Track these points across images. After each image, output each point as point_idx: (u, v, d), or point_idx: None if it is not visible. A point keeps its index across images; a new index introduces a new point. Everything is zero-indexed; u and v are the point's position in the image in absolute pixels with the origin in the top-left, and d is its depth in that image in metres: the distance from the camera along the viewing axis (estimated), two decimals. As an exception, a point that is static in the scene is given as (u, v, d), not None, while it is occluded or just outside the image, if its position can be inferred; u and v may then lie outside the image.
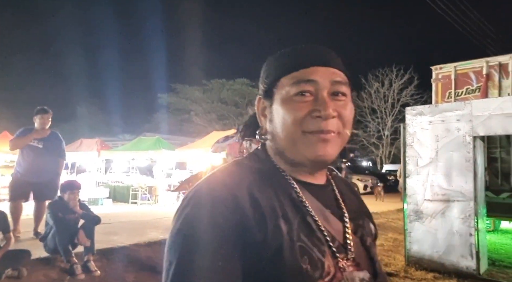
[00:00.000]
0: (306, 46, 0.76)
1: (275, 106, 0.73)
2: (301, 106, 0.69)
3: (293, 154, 0.71)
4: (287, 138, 0.70)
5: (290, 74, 0.72)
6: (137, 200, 12.25)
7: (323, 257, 0.65)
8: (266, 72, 0.77)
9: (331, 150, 0.70)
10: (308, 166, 0.73)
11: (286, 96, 0.71)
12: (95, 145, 13.83)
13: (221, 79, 31.28)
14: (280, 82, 0.72)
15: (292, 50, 0.76)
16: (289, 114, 0.69)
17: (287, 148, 0.71)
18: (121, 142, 22.12)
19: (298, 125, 0.69)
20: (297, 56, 0.74)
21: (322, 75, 0.71)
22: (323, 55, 0.74)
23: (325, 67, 0.72)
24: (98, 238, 5.02)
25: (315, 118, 0.68)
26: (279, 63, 0.75)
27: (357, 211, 0.82)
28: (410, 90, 24.87)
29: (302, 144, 0.69)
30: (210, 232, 0.61)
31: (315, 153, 0.69)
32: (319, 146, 0.69)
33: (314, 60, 0.72)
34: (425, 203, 5.02)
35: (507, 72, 6.48)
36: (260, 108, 0.78)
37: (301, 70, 0.71)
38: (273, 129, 0.73)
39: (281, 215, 0.65)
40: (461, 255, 4.64)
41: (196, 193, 0.67)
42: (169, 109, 32.34)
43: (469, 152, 4.71)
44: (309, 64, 0.71)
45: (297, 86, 0.70)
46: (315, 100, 0.69)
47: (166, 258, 0.64)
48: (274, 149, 0.75)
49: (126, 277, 4.35)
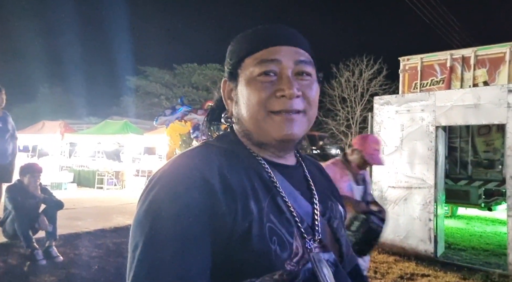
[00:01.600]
0: (269, 26, 0.75)
1: (240, 88, 0.71)
2: (265, 86, 0.68)
3: (259, 135, 0.70)
4: (253, 119, 0.69)
5: (253, 54, 0.70)
6: (103, 185, 11.95)
7: (292, 238, 0.65)
8: (230, 54, 0.76)
9: (297, 129, 0.69)
10: (275, 146, 0.72)
11: (250, 77, 0.69)
12: (58, 128, 13.27)
13: (192, 64, 30.73)
14: (244, 63, 0.71)
15: (255, 30, 0.75)
16: (254, 95, 0.68)
17: (253, 129, 0.71)
18: (86, 125, 21.34)
19: (262, 105, 0.68)
20: (260, 36, 0.73)
21: (285, 54, 0.70)
22: (287, 34, 0.73)
23: (289, 46, 0.71)
24: (61, 223, 4.88)
25: (280, 98, 0.68)
26: (242, 43, 0.74)
27: (326, 193, 0.82)
28: (379, 80, 25.45)
29: (268, 125, 0.69)
30: (178, 213, 0.59)
31: (281, 132, 0.68)
32: (285, 126, 0.68)
33: (277, 40, 0.71)
34: (389, 189, 5.21)
35: (469, 65, 6.76)
36: (226, 91, 0.76)
37: (264, 50, 0.70)
38: (238, 111, 0.72)
39: (251, 195, 0.65)
40: (421, 239, 4.88)
41: (163, 173, 0.65)
42: (138, 92, 31.45)
43: (432, 141, 4.91)
44: (272, 43, 0.70)
45: (261, 66, 0.69)
46: (279, 80, 0.69)
47: (132, 241, 0.61)
48: (241, 131, 0.74)
49: (90, 263, 4.25)
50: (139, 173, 13.11)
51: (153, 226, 0.59)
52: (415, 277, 4.18)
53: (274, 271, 0.61)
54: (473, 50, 6.79)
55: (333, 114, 27.14)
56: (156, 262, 0.57)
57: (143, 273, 0.57)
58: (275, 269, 0.61)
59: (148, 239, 0.58)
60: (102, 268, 4.12)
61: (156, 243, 0.58)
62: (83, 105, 31.77)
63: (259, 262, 0.61)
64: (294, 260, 0.64)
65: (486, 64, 6.66)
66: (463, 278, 4.17)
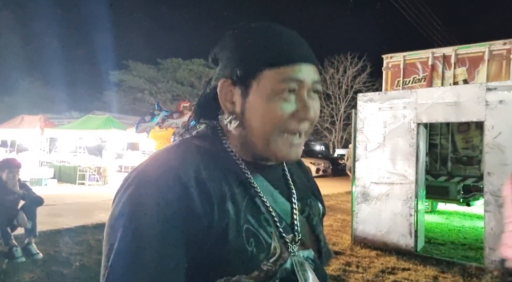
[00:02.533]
0: (289, 36, 0.69)
1: (253, 98, 0.67)
2: (285, 107, 0.66)
3: (262, 150, 0.70)
4: (264, 137, 0.68)
5: (276, 68, 0.66)
6: (85, 181, 11.76)
7: (270, 238, 0.66)
8: (240, 55, 0.68)
9: (300, 151, 0.71)
10: (272, 161, 0.73)
11: (269, 93, 0.66)
12: (38, 122, 12.94)
13: (177, 58, 30.41)
14: (262, 74, 0.66)
15: (277, 38, 0.68)
16: (274, 114, 0.66)
17: (259, 144, 0.69)
18: (67, 119, 20.89)
19: (278, 124, 0.67)
20: (284, 48, 0.67)
21: (307, 73, 0.67)
22: (308, 50, 0.70)
23: (309, 65, 0.68)
24: (41, 220, 4.78)
25: (296, 119, 0.67)
26: (260, 50, 0.67)
27: (305, 190, 0.82)
28: (363, 77, 25.82)
29: (277, 145, 0.68)
30: (154, 214, 0.59)
31: (286, 156, 0.69)
32: (292, 150, 0.69)
33: (302, 56, 0.68)
34: (372, 185, 5.30)
35: (450, 64, 6.89)
36: (225, 92, 0.70)
37: (289, 67, 0.66)
38: (246, 122, 0.69)
39: (228, 197, 0.65)
40: (402, 234, 4.98)
41: (139, 173, 0.64)
42: (121, 87, 30.96)
43: (413, 138, 5.00)
44: (297, 59, 0.67)
45: (284, 84, 0.65)
46: (298, 101, 0.67)
47: (107, 241, 0.60)
48: (236, 136, 0.71)
49: (71, 260, 4.19)
50: (122, 169, 12.93)
51: (127, 229, 0.58)
52: (396, 271, 4.26)
53: (250, 272, 0.62)
54: (453, 49, 6.93)
55: (317, 111, 27.50)
56: (131, 264, 0.56)
57: (118, 275, 0.57)
58: (251, 269, 0.62)
59: (122, 242, 0.58)
60: (83, 265, 4.06)
61: (131, 245, 0.57)
62: (64, 99, 31.05)
63: (235, 262, 0.61)
64: (271, 260, 0.65)
65: (466, 63, 6.81)
66: (442, 271, 4.28)
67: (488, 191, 4.40)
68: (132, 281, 0.56)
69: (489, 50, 6.49)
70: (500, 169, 4.33)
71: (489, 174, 4.41)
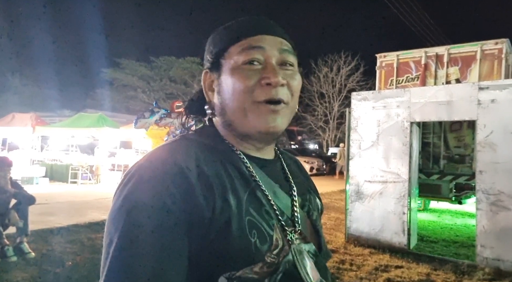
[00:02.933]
0: (252, 17, 0.75)
1: (223, 77, 0.71)
2: (250, 74, 0.68)
3: (243, 126, 0.70)
4: (238, 109, 0.69)
5: (238, 42, 0.70)
6: (77, 180, 11.65)
7: (272, 230, 0.66)
8: (212, 44, 0.75)
9: (281, 122, 0.70)
10: (257, 138, 0.72)
11: (234, 65, 0.69)
12: (29, 120, 12.79)
13: (170, 56, 30.23)
14: (228, 52, 0.71)
15: (239, 20, 0.75)
16: (239, 83, 0.68)
17: (237, 119, 0.70)
18: (59, 117, 20.68)
19: (248, 94, 0.68)
20: (244, 25, 0.73)
21: (269, 43, 0.70)
22: (270, 24, 0.74)
23: (272, 36, 0.72)
24: (33, 219, 4.74)
25: (265, 86, 0.68)
26: (225, 33, 0.74)
27: (304, 186, 0.83)
28: (357, 76, 25.88)
29: (253, 115, 0.68)
30: (154, 208, 0.58)
31: (266, 125, 0.68)
32: (270, 118, 0.68)
33: (261, 29, 0.72)
34: (366, 184, 5.32)
35: (443, 63, 6.94)
36: (207, 83, 0.75)
37: (249, 38, 0.70)
38: (222, 101, 0.71)
39: (230, 189, 0.64)
40: (395, 232, 5.01)
41: (139, 167, 0.64)
42: (114, 85, 30.65)
43: (406, 136, 5.03)
44: (256, 32, 0.71)
45: (245, 54, 0.69)
46: (263, 68, 0.69)
47: (106, 236, 0.60)
48: (222, 123, 0.73)
49: (64, 259, 4.15)
50: (115, 168, 12.83)
51: (127, 222, 0.58)
52: (389, 269, 4.29)
53: (254, 264, 0.61)
54: (446, 49, 6.98)
55: (311, 109, 27.44)
56: (131, 259, 0.56)
57: (118, 270, 0.56)
58: (255, 261, 0.61)
59: (123, 236, 0.57)
60: (76, 264, 4.02)
61: (131, 239, 0.57)
62: (56, 97, 30.66)
63: (239, 255, 0.61)
64: (274, 252, 0.64)
65: (459, 62, 6.86)
66: (434, 269, 4.32)
67: (480, 189, 4.44)
68: (131, 275, 0.55)
69: (481, 50, 6.55)
70: (491, 167, 4.38)
71: (481, 173, 4.46)
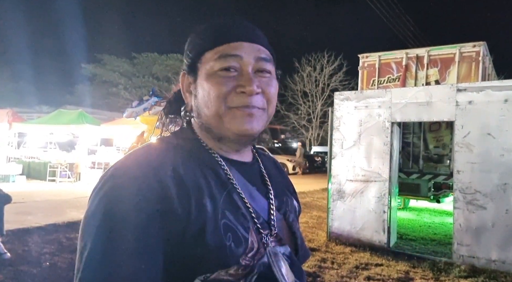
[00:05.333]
0: (230, 20, 0.73)
1: (199, 81, 0.71)
2: (225, 81, 0.68)
3: (218, 128, 0.70)
4: (212, 113, 0.69)
5: (214, 48, 0.69)
6: (56, 178, 11.38)
7: (247, 233, 0.66)
8: (190, 46, 0.74)
9: (257, 124, 0.70)
10: (234, 140, 0.72)
11: (210, 71, 0.69)
12: (5, 117, 12.42)
13: (153, 53, 29.84)
14: (204, 57, 0.70)
15: (216, 23, 0.73)
16: (214, 89, 0.68)
17: (213, 123, 0.70)
18: (37, 114, 20.16)
19: (222, 100, 0.68)
20: (221, 30, 0.72)
21: (247, 50, 0.70)
22: (248, 30, 0.72)
23: (250, 43, 0.71)
24: (9, 218, 4.60)
25: (240, 94, 0.68)
26: (203, 36, 0.72)
27: (282, 188, 0.83)
28: (340, 76, 26.15)
29: (228, 118, 0.68)
30: (129, 213, 0.57)
31: (241, 127, 0.69)
32: (245, 120, 0.68)
33: (239, 35, 0.70)
34: (347, 183, 5.39)
35: (423, 64, 7.08)
36: (185, 84, 0.75)
37: (226, 45, 0.69)
38: (198, 105, 0.72)
39: (206, 192, 0.64)
40: (375, 230, 5.10)
41: (115, 171, 0.63)
42: (94, 81, 30.06)
43: (387, 136, 5.12)
44: (233, 38, 0.70)
45: (221, 61, 0.68)
46: (239, 76, 0.69)
47: (80, 241, 0.59)
48: (199, 125, 0.73)
49: (41, 260, 4.05)
50: (95, 165, 12.59)
51: (102, 226, 0.57)
52: (370, 267, 4.36)
53: (229, 266, 0.62)
54: (426, 50, 7.12)
55: (294, 108, 27.62)
56: (105, 263, 0.55)
57: (92, 274, 0.55)
58: (230, 264, 0.62)
59: (97, 239, 0.56)
60: (54, 264, 3.93)
61: (105, 243, 0.56)
62: (34, 93, 29.83)
63: (213, 258, 0.61)
64: (249, 255, 0.65)
65: (438, 64, 7.01)
66: (413, 266, 4.42)
67: (457, 188, 4.56)
68: (106, 278, 0.54)
69: (459, 52, 6.71)
70: (468, 167, 4.50)
71: (458, 172, 4.57)
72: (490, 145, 4.39)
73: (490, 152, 4.39)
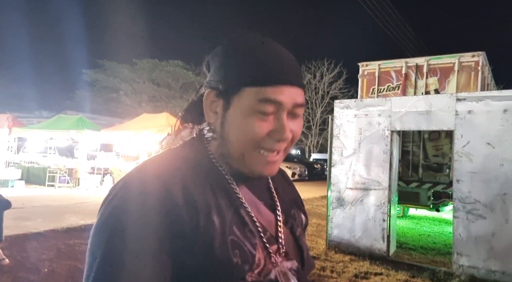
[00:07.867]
0: (275, 56, 0.69)
1: (232, 112, 0.68)
2: (262, 125, 0.67)
3: (238, 162, 0.70)
4: (239, 151, 0.69)
5: (255, 86, 0.66)
6: (55, 183, 11.35)
7: (254, 249, 0.66)
8: (224, 68, 0.69)
9: (275, 169, 0.72)
10: (248, 174, 0.72)
11: (247, 110, 0.66)
12: (5, 121, 12.45)
13: (153, 59, 29.94)
14: (243, 91, 0.67)
15: (261, 55, 0.68)
16: (249, 130, 0.67)
17: (235, 158, 0.70)
18: (37, 119, 20.18)
19: (256, 142, 0.68)
20: (265, 67, 0.67)
21: (287, 96, 0.67)
22: (294, 72, 0.70)
23: (292, 87, 0.68)
24: (8, 224, 4.59)
25: (273, 138, 0.68)
26: (243, 67, 0.67)
27: (289, 201, 0.84)
28: (339, 83, 26.27)
29: (252, 160, 0.69)
30: (139, 227, 0.58)
31: (261, 171, 0.70)
32: (267, 167, 0.69)
33: (285, 78, 0.67)
34: (347, 191, 5.39)
35: (422, 73, 7.12)
36: (209, 102, 0.71)
37: (269, 88, 0.66)
38: (224, 134, 0.70)
39: (214, 208, 0.65)
40: (375, 239, 5.09)
41: (126, 183, 0.64)
42: (95, 86, 30.11)
43: (387, 145, 5.13)
44: (279, 81, 0.66)
45: (263, 105, 0.66)
46: (275, 120, 0.67)
47: (90, 252, 0.60)
48: (217, 147, 0.73)
49: (40, 266, 4.03)
50: (95, 171, 12.58)
51: (111, 240, 0.58)
52: (369, 276, 4.35)
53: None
54: (425, 59, 7.16)
55: (294, 116, 27.76)
56: (113, 277, 0.56)
57: None
58: (236, 280, 0.62)
59: (105, 253, 0.57)
60: (53, 271, 3.91)
61: (114, 257, 0.57)
62: (34, 98, 29.93)
63: (220, 274, 0.61)
64: (256, 272, 0.65)
65: (437, 73, 7.05)
66: (413, 276, 4.40)
67: (457, 197, 4.56)
68: None
69: (458, 62, 6.76)
70: (468, 176, 4.51)
71: (458, 182, 4.58)
72: (490, 155, 4.40)
73: (490, 161, 4.40)
